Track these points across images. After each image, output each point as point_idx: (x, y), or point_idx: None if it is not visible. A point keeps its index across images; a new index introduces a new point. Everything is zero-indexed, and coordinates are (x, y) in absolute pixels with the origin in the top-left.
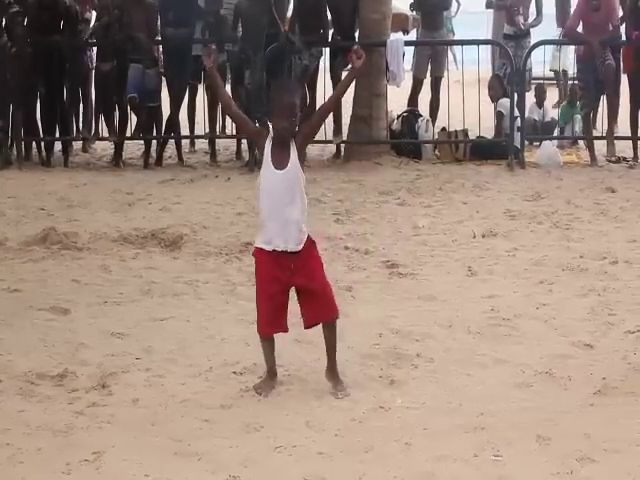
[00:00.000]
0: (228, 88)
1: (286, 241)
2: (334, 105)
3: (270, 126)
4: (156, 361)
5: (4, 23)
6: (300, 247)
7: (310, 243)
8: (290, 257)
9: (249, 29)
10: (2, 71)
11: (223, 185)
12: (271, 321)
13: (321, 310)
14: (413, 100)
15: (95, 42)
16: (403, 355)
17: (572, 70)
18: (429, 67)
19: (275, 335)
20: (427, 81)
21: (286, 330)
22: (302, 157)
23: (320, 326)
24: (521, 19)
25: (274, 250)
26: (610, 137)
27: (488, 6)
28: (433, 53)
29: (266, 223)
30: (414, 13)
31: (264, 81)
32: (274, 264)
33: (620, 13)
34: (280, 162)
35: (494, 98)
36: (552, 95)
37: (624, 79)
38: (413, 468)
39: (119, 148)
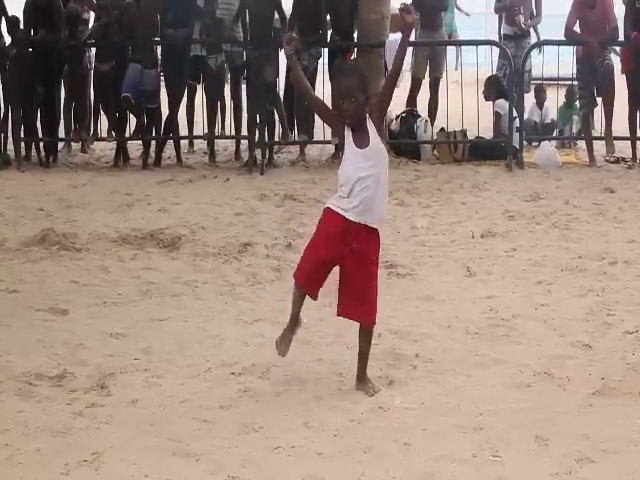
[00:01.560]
0: (227, 90)
1: (364, 216)
2: (400, 70)
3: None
4: (155, 362)
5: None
6: (375, 224)
7: (378, 238)
8: (358, 233)
9: (255, 25)
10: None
11: (222, 186)
12: (309, 276)
13: (356, 308)
14: (412, 100)
15: (94, 43)
16: (402, 355)
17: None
18: (428, 67)
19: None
20: (426, 81)
21: (315, 297)
22: (382, 133)
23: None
24: (522, 19)
25: (347, 219)
26: (609, 136)
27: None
28: (432, 53)
29: (347, 198)
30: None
31: (276, 75)
32: (338, 232)
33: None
34: (361, 142)
35: (487, 98)
36: (550, 96)
37: (622, 79)
38: (412, 468)
39: (120, 148)
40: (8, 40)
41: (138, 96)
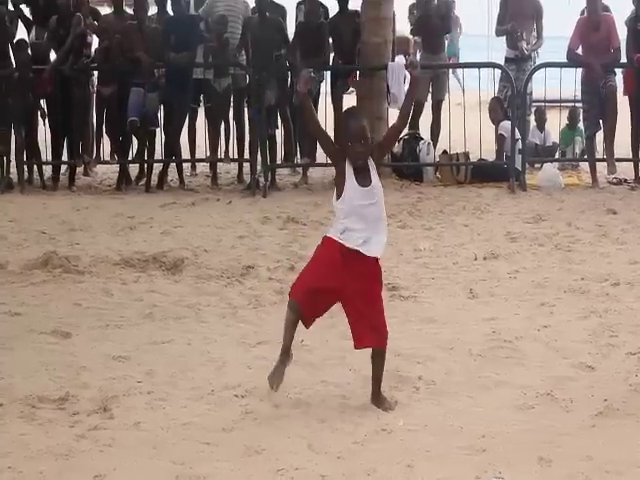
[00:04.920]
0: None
1: (363, 247)
2: (406, 124)
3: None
4: (157, 384)
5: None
6: (376, 253)
7: (379, 266)
8: (357, 259)
9: (258, 48)
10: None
11: (224, 208)
12: (308, 294)
13: (369, 333)
14: (414, 123)
15: (96, 66)
16: (405, 377)
17: None
18: (430, 90)
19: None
20: (428, 104)
21: (309, 324)
22: (379, 172)
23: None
24: (524, 44)
25: (346, 247)
26: (610, 156)
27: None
28: (434, 76)
29: (346, 236)
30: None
31: (279, 99)
32: (338, 258)
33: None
34: (364, 181)
35: (495, 121)
36: (552, 118)
37: (624, 100)
38: None
39: (123, 171)
40: None
41: (142, 120)
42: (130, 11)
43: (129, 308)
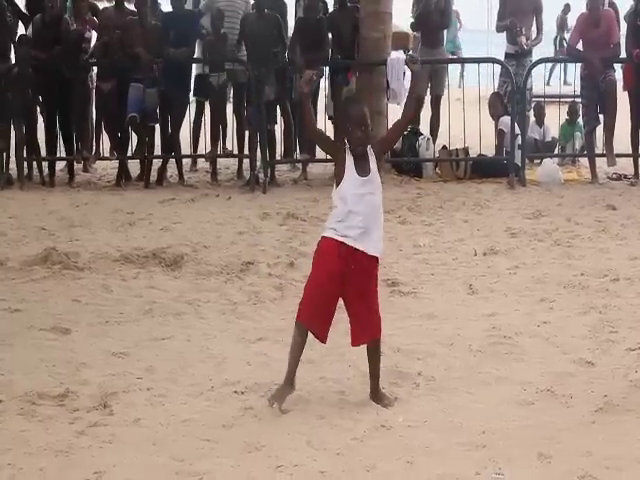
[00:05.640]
0: (229, 107)
1: (362, 242)
2: (410, 119)
3: (345, 140)
4: (157, 381)
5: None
6: (372, 253)
7: (376, 262)
8: (356, 257)
9: (255, 43)
10: (6, 92)
11: (224, 204)
12: (315, 313)
13: (362, 331)
14: (415, 118)
15: (95, 62)
16: (404, 373)
17: None
18: (429, 85)
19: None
20: (428, 99)
21: (324, 339)
22: (380, 168)
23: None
24: (524, 39)
25: (343, 244)
26: (609, 149)
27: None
28: (433, 71)
29: (344, 223)
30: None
31: (277, 95)
32: (338, 257)
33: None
34: (363, 170)
35: (494, 116)
36: (552, 113)
37: (624, 96)
38: None
39: (122, 167)
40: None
41: (142, 115)
42: (130, 6)
43: (129, 304)
